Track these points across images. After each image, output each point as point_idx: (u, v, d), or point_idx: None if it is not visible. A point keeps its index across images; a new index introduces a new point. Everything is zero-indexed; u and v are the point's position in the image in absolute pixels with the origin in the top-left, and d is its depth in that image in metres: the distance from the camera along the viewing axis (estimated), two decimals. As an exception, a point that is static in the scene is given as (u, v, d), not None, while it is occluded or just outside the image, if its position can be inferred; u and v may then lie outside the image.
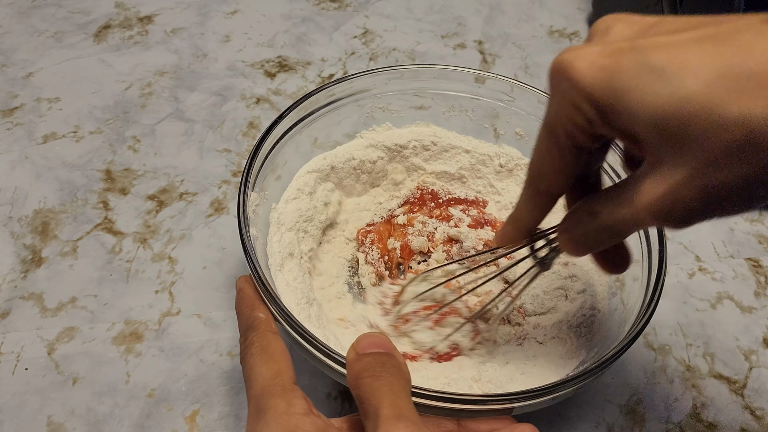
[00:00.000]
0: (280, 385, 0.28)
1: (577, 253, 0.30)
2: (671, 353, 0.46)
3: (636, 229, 0.27)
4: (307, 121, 0.45)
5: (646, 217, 0.25)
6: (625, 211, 0.25)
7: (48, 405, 0.40)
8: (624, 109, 0.23)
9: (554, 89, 0.25)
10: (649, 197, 0.24)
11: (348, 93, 0.47)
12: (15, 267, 0.48)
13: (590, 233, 0.28)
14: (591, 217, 0.28)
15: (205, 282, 0.48)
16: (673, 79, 0.22)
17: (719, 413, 0.43)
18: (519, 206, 0.32)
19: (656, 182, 0.24)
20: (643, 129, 0.23)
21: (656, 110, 0.22)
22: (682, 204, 0.23)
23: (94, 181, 0.54)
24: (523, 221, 0.32)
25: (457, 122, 0.50)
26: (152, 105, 0.61)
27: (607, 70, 0.23)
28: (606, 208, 0.27)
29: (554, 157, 0.27)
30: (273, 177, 0.44)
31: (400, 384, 0.27)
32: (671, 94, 0.22)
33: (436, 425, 0.31)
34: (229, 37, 0.70)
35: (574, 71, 0.24)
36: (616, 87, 0.23)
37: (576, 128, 0.25)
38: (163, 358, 0.43)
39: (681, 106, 0.21)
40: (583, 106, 0.24)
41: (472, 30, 0.73)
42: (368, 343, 0.29)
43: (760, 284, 0.50)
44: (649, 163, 0.24)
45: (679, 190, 0.23)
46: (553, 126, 0.26)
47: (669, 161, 0.23)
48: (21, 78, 0.63)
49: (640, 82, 0.22)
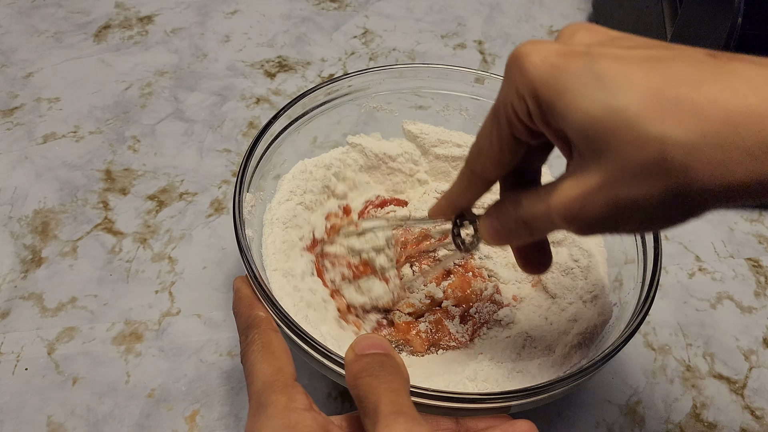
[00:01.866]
0: (282, 381, 0.29)
1: (494, 241, 0.31)
2: (671, 353, 0.46)
3: (548, 228, 0.27)
4: (305, 119, 0.45)
5: (555, 217, 0.25)
6: (541, 207, 0.26)
7: (48, 405, 0.40)
8: (560, 109, 0.24)
9: (507, 76, 0.26)
10: (561, 198, 0.25)
11: (346, 92, 0.46)
12: (15, 267, 0.48)
13: (509, 224, 0.29)
14: (513, 208, 0.29)
15: (205, 282, 0.48)
16: (610, 88, 0.22)
17: (719, 413, 0.43)
18: (454, 183, 0.32)
19: (571, 185, 0.24)
20: (572, 131, 0.24)
21: (586, 115, 0.23)
22: (589, 210, 0.24)
23: (94, 181, 0.54)
24: (455, 198, 0.33)
25: (456, 122, 0.50)
26: (152, 105, 0.61)
27: (556, 68, 0.24)
28: (528, 202, 0.28)
29: (493, 142, 0.28)
30: (271, 176, 0.44)
31: (399, 383, 0.27)
32: (603, 102, 0.22)
33: (434, 424, 0.31)
34: (229, 37, 0.70)
35: (527, 62, 0.24)
36: (559, 86, 0.24)
37: (516, 118, 0.26)
38: (163, 358, 0.43)
39: (609, 115, 0.22)
40: (526, 98, 0.25)
41: (472, 30, 0.73)
42: (367, 344, 0.29)
43: (760, 284, 0.50)
44: (573, 166, 0.25)
45: (589, 196, 0.24)
46: (498, 111, 0.27)
47: (588, 167, 0.24)
48: (21, 78, 0.63)
49: (580, 86, 0.23)
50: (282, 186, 0.45)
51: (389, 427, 0.25)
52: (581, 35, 0.26)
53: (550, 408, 0.42)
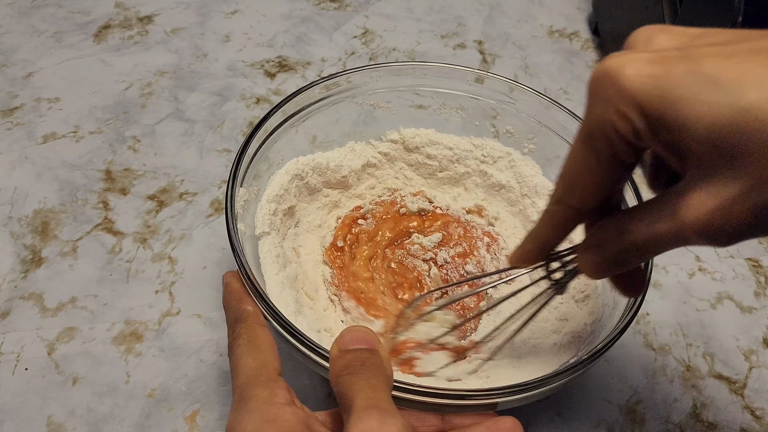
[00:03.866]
0: (265, 375, 0.29)
1: (598, 274, 0.29)
2: (671, 353, 0.46)
3: (674, 246, 0.25)
4: (302, 116, 0.45)
5: (690, 234, 0.23)
6: (664, 227, 0.24)
7: (48, 405, 0.40)
8: (675, 120, 0.22)
9: (597, 96, 0.24)
10: (697, 213, 0.23)
11: (344, 88, 0.46)
12: (15, 267, 0.48)
13: (617, 252, 0.27)
14: (620, 235, 0.26)
15: (205, 282, 0.47)
16: (731, 89, 0.21)
17: (719, 413, 0.43)
18: (542, 223, 0.30)
19: (705, 197, 0.22)
20: (695, 141, 0.22)
21: (712, 121, 0.21)
22: (733, 221, 0.22)
23: (94, 181, 0.54)
24: (546, 239, 0.30)
25: (455, 121, 0.50)
26: (152, 105, 0.61)
27: (657, 78, 0.22)
28: (639, 225, 0.25)
29: (591, 170, 0.26)
30: (267, 175, 0.44)
31: (379, 379, 0.27)
32: (729, 104, 0.21)
33: (419, 420, 0.31)
34: (229, 37, 0.70)
35: (623, 78, 0.23)
36: (668, 96, 0.22)
37: (620, 139, 0.24)
38: (163, 358, 0.43)
39: (739, 117, 0.21)
40: (630, 115, 0.23)
41: (472, 30, 0.73)
42: (351, 338, 0.29)
43: (760, 284, 0.50)
44: (696, 177, 0.23)
45: (732, 206, 0.22)
46: (593, 136, 0.25)
47: (721, 175, 0.22)
48: (21, 78, 0.63)
49: (693, 91, 0.21)
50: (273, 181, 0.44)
51: (362, 420, 0.25)
52: (661, 39, 0.25)
53: (550, 408, 0.42)
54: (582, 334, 0.40)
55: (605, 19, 0.70)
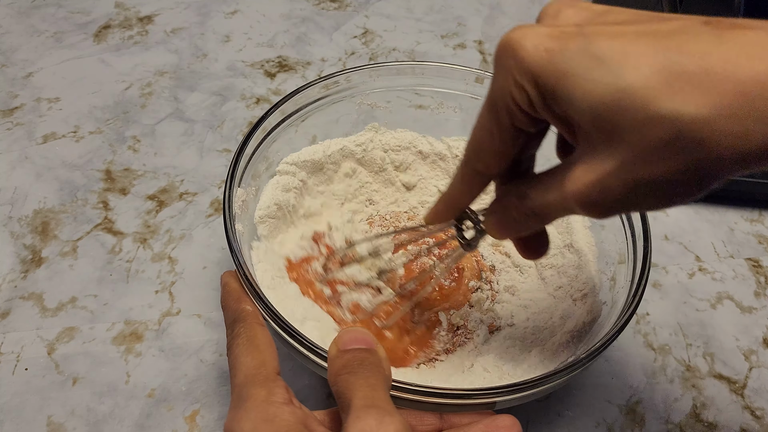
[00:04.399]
0: (263, 374, 0.29)
1: (501, 235, 0.31)
2: (671, 353, 0.46)
3: (562, 214, 0.27)
4: (300, 115, 0.45)
5: (572, 204, 0.25)
6: (553, 196, 0.26)
7: (48, 405, 0.40)
8: (563, 94, 0.23)
9: (500, 66, 0.25)
10: (578, 185, 0.24)
11: (343, 88, 0.46)
12: (15, 267, 0.48)
13: (517, 217, 0.29)
14: (520, 201, 0.28)
15: (205, 282, 0.47)
16: (614, 69, 0.22)
17: (719, 413, 0.43)
18: (452, 185, 0.32)
19: (586, 170, 0.24)
20: (579, 116, 0.23)
21: (594, 98, 0.22)
22: (609, 194, 0.24)
23: (94, 181, 0.54)
24: (455, 200, 0.32)
25: (455, 120, 0.50)
26: (152, 105, 0.61)
27: (552, 52, 0.23)
28: (535, 192, 0.27)
29: (494, 136, 0.27)
30: (267, 174, 0.44)
31: (377, 378, 0.27)
32: (610, 84, 0.22)
33: (418, 419, 0.31)
34: (229, 37, 0.70)
35: (521, 50, 0.24)
36: (559, 70, 0.23)
37: (517, 108, 0.25)
38: (163, 358, 0.43)
39: (618, 96, 0.22)
40: (525, 86, 0.24)
41: (472, 30, 0.73)
42: (350, 338, 0.29)
43: (760, 284, 0.50)
44: (582, 151, 0.24)
45: (607, 180, 0.23)
46: (495, 104, 0.26)
47: (600, 151, 0.23)
48: (21, 78, 0.63)
49: (581, 69, 0.22)
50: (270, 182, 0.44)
51: (360, 419, 0.25)
52: (567, 14, 0.26)
53: (550, 408, 0.42)
54: (581, 334, 0.40)
55: (605, 19, 0.70)
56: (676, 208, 0.55)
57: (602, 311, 0.40)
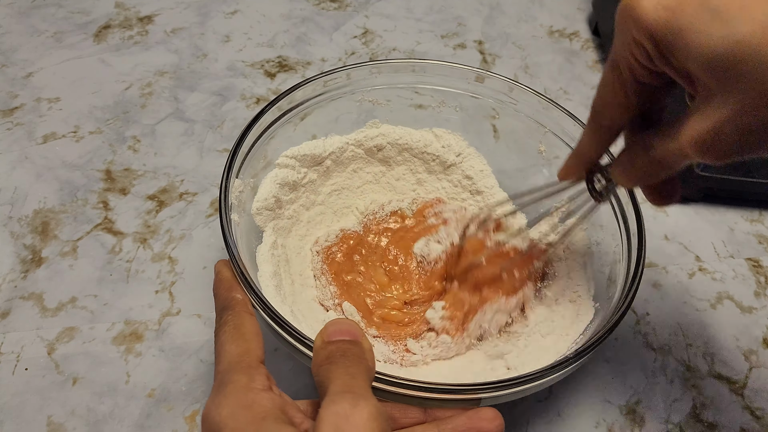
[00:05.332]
0: (246, 362, 0.29)
1: (630, 183, 0.32)
2: (671, 353, 0.46)
3: (683, 161, 0.28)
4: (299, 111, 0.45)
5: (689, 151, 0.26)
6: (673, 144, 0.27)
7: (48, 405, 0.40)
8: (680, 47, 0.25)
9: (620, 27, 0.27)
10: (694, 132, 0.25)
11: (342, 84, 0.46)
12: (15, 267, 0.48)
13: (643, 165, 0.30)
14: (644, 150, 0.29)
15: (205, 282, 0.47)
16: (730, 20, 0.23)
17: (719, 413, 0.43)
18: (582, 140, 0.34)
19: (702, 118, 0.25)
20: (696, 67, 0.24)
21: (710, 49, 0.23)
22: (724, 139, 0.25)
23: (94, 181, 0.54)
24: (586, 155, 0.34)
25: (454, 119, 0.50)
26: (152, 105, 0.61)
27: (669, 9, 0.25)
28: (658, 141, 0.28)
29: (617, 92, 0.29)
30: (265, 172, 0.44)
31: (358, 368, 0.28)
32: (726, 35, 0.23)
33: (401, 412, 0.31)
34: (229, 37, 0.70)
35: (640, 9, 0.25)
36: (676, 26, 0.24)
37: (637, 63, 0.27)
38: (163, 358, 0.43)
39: (734, 47, 0.23)
40: (644, 43, 0.26)
41: (472, 30, 0.73)
42: (335, 330, 0.29)
43: (760, 284, 0.50)
44: (699, 101, 0.26)
45: (723, 126, 0.24)
46: (617, 61, 0.28)
47: (716, 99, 0.24)
48: (21, 78, 0.63)
49: (698, 22, 0.24)
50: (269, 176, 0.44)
51: (334, 402, 0.25)
52: None
53: (550, 408, 0.42)
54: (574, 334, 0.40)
55: (605, 19, 0.70)
56: (676, 208, 0.56)
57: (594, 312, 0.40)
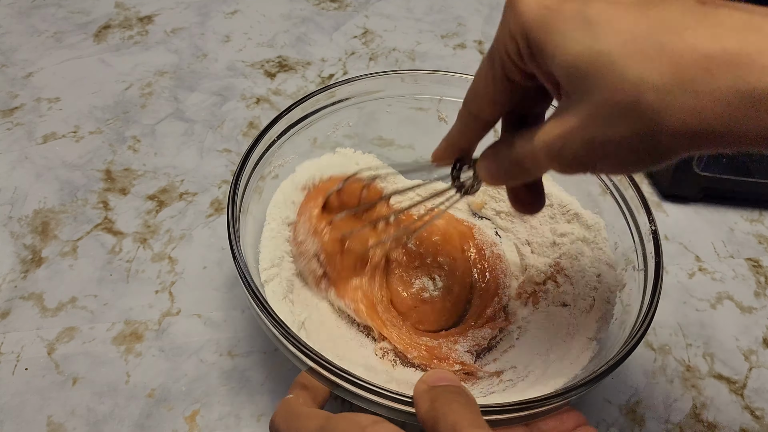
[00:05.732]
0: None
1: (491, 180, 0.32)
2: (671, 353, 0.46)
3: (536, 166, 0.27)
4: (306, 122, 0.45)
5: (540, 155, 0.26)
6: (528, 146, 0.27)
7: (48, 405, 0.40)
8: (548, 50, 0.24)
9: (502, 18, 0.27)
10: (546, 136, 0.25)
11: (347, 96, 0.46)
12: (15, 267, 0.48)
13: (504, 164, 0.29)
14: (507, 148, 0.29)
15: (205, 282, 0.47)
16: (596, 32, 0.23)
17: (719, 413, 0.43)
18: (454, 125, 0.33)
19: (554, 124, 0.25)
20: (558, 71, 0.24)
21: (573, 56, 0.23)
22: (569, 149, 0.25)
23: (94, 181, 0.54)
24: (455, 140, 0.33)
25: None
26: (152, 105, 0.61)
27: (549, 9, 0.24)
28: (519, 141, 0.28)
29: (488, 83, 0.28)
30: (270, 177, 0.44)
31: (475, 408, 0.28)
32: (588, 45, 0.23)
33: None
34: (229, 37, 0.70)
35: (521, 4, 0.25)
36: (550, 28, 0.24)
37: (508, 59, 0.27)
38: (163, 358, 0.43)
39: (592, 58, 0.23)
40: (518, 39, 0.25)
41: (472, 30, 0.73)
42: (438, 377, 0.29)
43: (760, 284, 0.50)
44: (558, 107, 0.26)
45: (570, 135, 0.24)
46: (492, 53, 0.28)
47: (570, 107, 0.24)
48: (21, 78, 0.63)
49: (569, 28, 0.23)
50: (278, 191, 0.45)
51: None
52: None
53: (550, 408, 0.42)
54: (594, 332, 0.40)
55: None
56: (676, 208, 0.55)
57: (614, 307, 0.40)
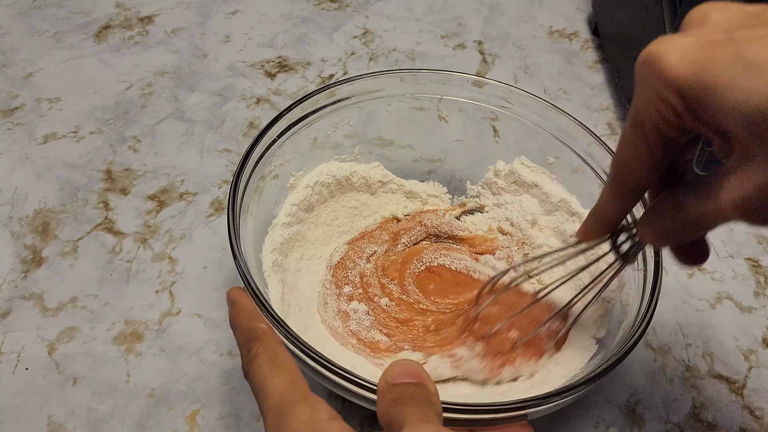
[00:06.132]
0: (299, 392, 0.27)
1: (659, 244, 0.31)
2: (671, 353, 0.46)
3: (721, 223, 0.26)
4: (306, 122, 0.45)
5: (731, 213, 0.24)
6: (711, 205, 0.25)
7: (48, 405, 0.40)
8: (714, 104, 0.22)
9: (642, 81, 0.25)
10: (737, 193, 0.24)
11: (347, 95, 0.46)
12: (15, 267, 0.48)
13: (674, 226, 0.28)
14: (676, 210, 0.27)
15: (206, 282, 0.48)
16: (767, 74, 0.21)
17: (719, 413, 0.43)
18: (602, 201, 0.31)
19: (744, 178, 0.23)
20: (733, 125, 0.22)
21: (748, 106, 0.22)
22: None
23: (94, 181, 0.54)
24: (607, 216, 0.32)
25: (455, 124, 0.50)
26: (152, 105, 0.61)
27: (699, 63, 0.23)
28: (692, 202, 0.26)
29: (641, 152, 0.27)
30: (270, 177, 0.44)
31: (430, 409, 0.27)
32: (765, 91, 0.21)
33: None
34: (230, 37, 0.70)
35: (665, 63, 0.23)
36: (707, 81, 0.22)
37: (664, 122, 0.25)
38: (164, 357, 0.43)
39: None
40: (671, 100, 0.24)
41: (472, 30, 0.73)
42: (399, 372, 0.28)
43: (760, 284, 0.50)
44: (738, 159, 0.24)
45: (766, 187, 0.23)
46: (640, 120, 0.26)
47: (758, 158, 0.22)
48: (21, 78, 0.63)
49: (732, 77, 0.22)
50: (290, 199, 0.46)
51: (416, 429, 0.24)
52: (716, 18, 0.25)
53: (549, 408, 0.42)
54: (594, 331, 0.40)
55: (605, 19, 0.70)
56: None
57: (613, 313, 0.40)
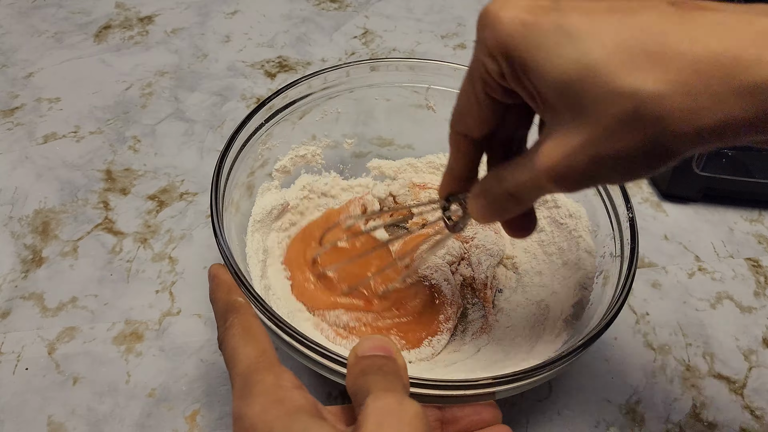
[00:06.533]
0: (267, 361, 0.28)
1: (484, 219, 0.31)
2: (671, 353, 0.46)
3: (536, 194, 0.27)
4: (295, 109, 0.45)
5: (545, 182, 0.25)
6: (526, 175, 0.26)
7: (48, 405, 0.40)
8: (533, 67, 0.24)
9: (478, 36, 0.26)
10: (546, 161, 0.24)
11: (339, 82, 0.46)
12: (15, 267, 0.48)
13: (497, 199, 0.29)
14: (497, 183, 0.28)
15: (206, 282, 0.47)
16: (580, 44, 0.22)
17: (719, 413, 0.43)
18: (449, 153, 0.32)
19: (553, 146, 0.24)
20: (547, 90, 0.24)
21: (560, 73, 0.23)
22: (576, 169, 0.24)
23: (94, 181, 0.54)
24: (452, 169, 0.33)
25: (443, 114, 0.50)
26: (152, 105, 0.61)
27: (526, 25, 0.24)
28: (510, 173, 0.27)
29: (471, 102, 0.28)
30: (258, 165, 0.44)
31: (396, 380, 0.27)
32: (576, 59, 0.22)
33: None
34: (230, 37, 0.70)
35: (497, 22, 0.24)
36: (531, 44, 0.23)
37: (489, 78, 0.26)
38: (164, 357, 0.43)
39: (583, 72, 0.22)
40: (497, 57, 0.25)
41: (472, 30, 0.73)
42: (369, 346, 0.29)
43: (760, 284, 0.50)
44: (550, 127, 0.25)
45: (575, 154, 0.24)
46: (472, 72, 0.27)
47: (567, 126, 0.24)
48: (21, 78, 0.63)
49: (551, 43, 0.23)
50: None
51: (379, 398, 0.25)
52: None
53: (550, 407, 0.42)
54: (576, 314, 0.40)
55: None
56: (676, 208, 0.56)
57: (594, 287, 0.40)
